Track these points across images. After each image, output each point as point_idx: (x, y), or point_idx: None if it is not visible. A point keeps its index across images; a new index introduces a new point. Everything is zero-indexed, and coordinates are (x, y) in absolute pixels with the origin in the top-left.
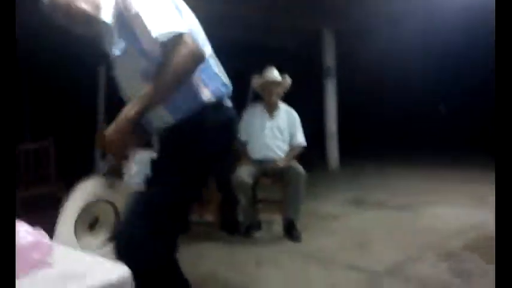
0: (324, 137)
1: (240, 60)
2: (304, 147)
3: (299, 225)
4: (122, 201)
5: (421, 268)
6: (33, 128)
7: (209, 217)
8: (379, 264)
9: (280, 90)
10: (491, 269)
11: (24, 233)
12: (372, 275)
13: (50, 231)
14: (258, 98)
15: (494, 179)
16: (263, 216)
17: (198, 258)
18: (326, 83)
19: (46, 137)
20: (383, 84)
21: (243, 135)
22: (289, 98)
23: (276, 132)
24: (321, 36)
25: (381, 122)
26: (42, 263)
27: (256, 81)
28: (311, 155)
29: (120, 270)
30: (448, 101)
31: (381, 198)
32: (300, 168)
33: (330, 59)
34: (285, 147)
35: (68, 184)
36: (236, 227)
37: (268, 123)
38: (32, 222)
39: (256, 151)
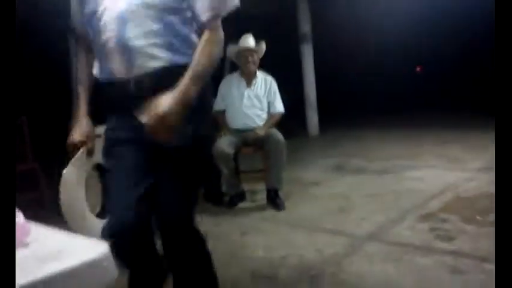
0: (303, 103)
1: None
2: (284, 115)
3: (282, 193)
4: None
5: (402, 230)
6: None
7: None
8: (361, 228)
9: (257, 58)
10: (469, 228)
11: None
12: (354, 239)
13: (26, 211)
14: (235, 68)
15: (467, 140)
16: (246, 186)
17: None
18: (303, 49)
19: (19, 116)
20: (360, 49)
21: (221, 105)
22: (267, 66)
23: (254, 100)
24: (296, 1)
25: (359, 87)
26: (18, 244)
27: (231, 50)
28: (291, 122)
29: (100, 248)
30: (424, 64)
31: (360, 163)
32: (280, 136)
33: (305, 24)
34: (264, 115)
35: (44, 163)
36: (220, 198)
37: (246, 92)
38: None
39: (236, 121)
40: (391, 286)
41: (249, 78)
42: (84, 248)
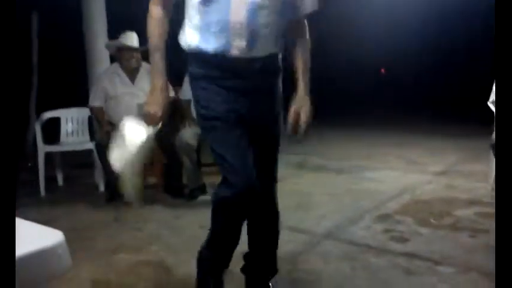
0: None
1: None
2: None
3: None
4: None
5: (358, 230)
6: None
7: (153, 180)
8: (319, 227)
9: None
10: (424, 230)
11: None
12: (311, 237)
13: None
14: None
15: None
16: (207, 179)
17: (141, 221)
18: None
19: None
20: (327, 48)
21: (187, 95)
22: None
23: None
24: None
25: (324, 86)
26: None
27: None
28: None
29: (54, 235)
30: (388, 66)
31: (321, 161)
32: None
33: None
34: None
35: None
36: (180, 190)
37: None
38: None
39: None
40: (345, 285)
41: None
42: (39, 235)
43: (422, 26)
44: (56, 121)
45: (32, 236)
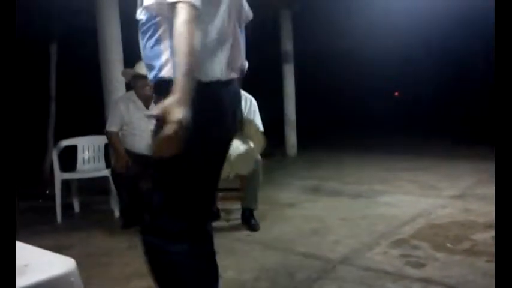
0: (282, 123)
1: None
2: (263, 134)
3: (257, 214)
4: None
5: (374, 255)
6: None
7: None
8: (334, 252)
9: None
10: (440, 255)
11: None
12: (327, 263)
13: None
14: None
15: (441, 168)
16: (222, 204)
17: None
18: (284, 68)
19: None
20: (342, 71)
21: None
22: (248, 84)
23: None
24: (278, 18)
25: (340, 109)
26: None
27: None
28: (269, 142)
29: (65, 262)
30: (403, 89)
31: (336, 186)
32: (257, 155)
33: (287, 43)
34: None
35: (18, 171)
36: None
37: None
38: None
39: None
40: None
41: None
42: (51, 263)
43: (436, 46)
44: (72, 149)
45: (44, 264)
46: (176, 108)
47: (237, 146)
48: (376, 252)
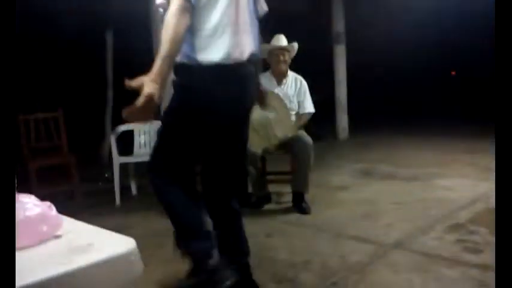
0: (333, 106)
1: None
2: (313, 117)
3: (308, 197)
4: None
5: (429, 240)
6: (43, 100)
7: None
8: (387, 236)
9: (288, 58)
10: None
11: (32, 205)
12: (379, 247)
13: (61, 203)
14: (268, 67)
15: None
16: (273, 188)
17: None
18: (335, 49)
19: (56, 108)
20: (396, 52)
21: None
22: (299, 65)
23: (284, 100)
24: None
25: (392, 90)
26: (51, 236)
27: (263, 49)
28: (320, 125)
29: (126, 242)
30: (460, 68)
31: (389, 169)
32: (308, 138)
33: (339, 23)
34: (293, 115)
35: (79, 156)
36: (246, 198)
37: (276, 91)
38: (42, 194)
39: None
40: None
41: (280, 78)
42: (113, 242)
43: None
44: (129, 134)
45: (107, 243)
46: (149, 84)
47: (265, 116)
48: (431, 236)
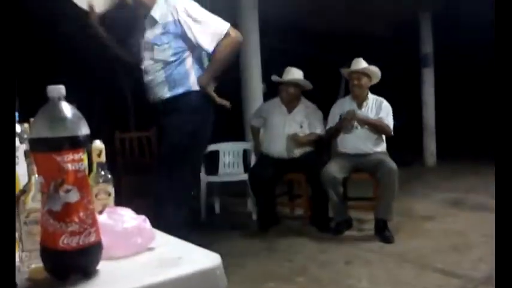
0: (420, 130)
1: (336, 51)
2: (398, 142)
3: (391, 225)
4: None
5: None
6: (137, 120)
7: (300, 211)
8: (476, 271)
9: (365, 81)
10: None
11: (129, 218)
12: (468, 282)
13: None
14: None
15: None
16: (354, 214)
17: (290, 252)
18: (423, 72)
19: (149, 127)
20: (487, 74)
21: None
22: (384, 88)
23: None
24: (417, 21)
25: (484, 114)
26: (145, 248)
27: (343, 72)
28: (406, 149)
29: (212, 257)
30: None
31: (481, 199)
32: (392, 164)
33: (427, 46)
34: (376, 138)
35: None
36: (326, 223)
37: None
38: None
39: (347, 144)
40: None
41: (359, 101)
42: (200, 256)
43: None
44: (215, 154)
45: (195, 258)
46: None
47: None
48: None
